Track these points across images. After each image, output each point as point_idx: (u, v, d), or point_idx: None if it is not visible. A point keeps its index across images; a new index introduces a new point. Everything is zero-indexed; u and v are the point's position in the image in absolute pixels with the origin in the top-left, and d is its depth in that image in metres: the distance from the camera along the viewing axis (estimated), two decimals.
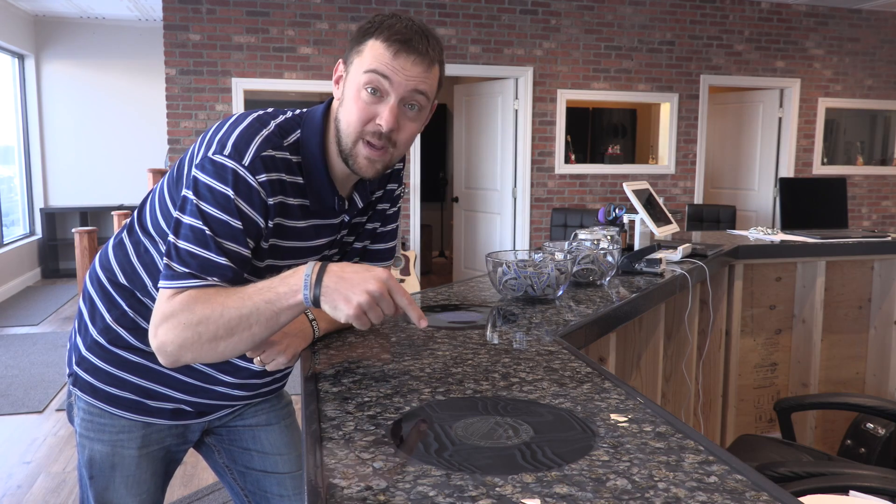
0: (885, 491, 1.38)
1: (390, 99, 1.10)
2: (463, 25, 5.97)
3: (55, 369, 4.36)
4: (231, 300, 1.03)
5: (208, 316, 1.02)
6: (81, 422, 1.32)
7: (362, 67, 1.10)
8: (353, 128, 1.12)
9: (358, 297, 0.99)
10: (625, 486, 0.73)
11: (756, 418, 3.04)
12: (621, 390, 1.03)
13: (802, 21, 6.66)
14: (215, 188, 1.07)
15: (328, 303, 1.00)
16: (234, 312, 1.02)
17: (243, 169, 1.07)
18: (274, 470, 1.45)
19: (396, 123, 1.11)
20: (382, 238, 1.38)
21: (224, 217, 1.06)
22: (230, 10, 5.59)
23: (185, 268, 1.05)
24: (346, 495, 0.71)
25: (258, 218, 1.10)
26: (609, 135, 7.90)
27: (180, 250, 1.06)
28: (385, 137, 1.12)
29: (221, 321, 1.02)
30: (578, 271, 1.85)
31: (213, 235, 1.06)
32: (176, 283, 1.05)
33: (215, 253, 1.06)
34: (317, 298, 1.00)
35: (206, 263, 1.05)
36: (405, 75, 1.09)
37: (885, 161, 7.27)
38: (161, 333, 1.05)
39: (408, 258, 5.03)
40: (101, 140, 7.54)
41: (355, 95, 1.11)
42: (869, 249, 2.99)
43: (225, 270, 1.06)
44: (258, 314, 1.02)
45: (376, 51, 1.09)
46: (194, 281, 1.05)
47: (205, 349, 1.04)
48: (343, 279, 1.01)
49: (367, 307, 0.99)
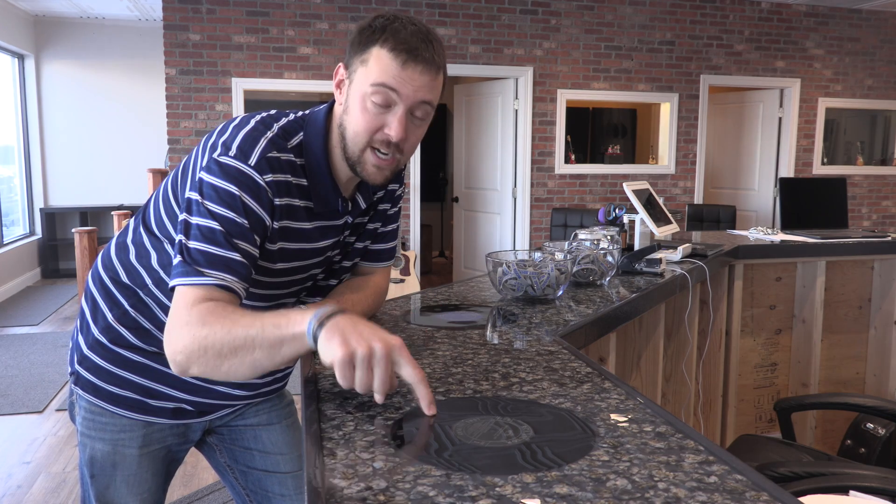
0: (885, 491, 1.38)
1: (398, 109, 1.10)
2: (463, 25, 5.97)
3: (55, 369, 4.36)
4: (243, 319, 0.99)
5: (217, 331, 0.98)
6: (83, 420, 1.32)
7: (369, 78, 1.08)
8: (361, 137, 1.11)
9: (355, 345, 0.89)
10: (625, 486, 0.73)
11: (756, 418, 3.04)
12: (621, 390, 1.03)
13: (802, 21, 6.66)
14: (220, 187, 1.06)
15: (326, 336, 0.91)
16: (241, 331, 0.97)
17: (250, 168, 1.07)
18: (275, 469, 1.45)
19: (405, 133, 1.11)
20: (383, 238, 1.38)
21: (230, 215, 1.06)
22: (230, 10, 5.59)
23: (197, 265, 1.03)
24: (346, 495, 0.71)
25: (264, 216, 1.09)
26: (609, 135, 7.90)
27: (191, 250, 1.04)
28: (393, 146, 1.12)
29: (228, 338, 0.98)
30: (578, 271, 1.85)
31: (224, 232, 1.05)
32: (189, 279, 1.03)
33: (226, 249, 1.05)
34: (320, 330, 0.92)
35: (218, 260, 1.04)
36: (413, 86, 1.08)
37: (885, 161, 7.27)
38: (173, 340, 1.02)
39: (408, 258, 5.03)
40: (101, 140, 7.54)
41: (362, 105, 1.10)
42: (869, 249, 2.99)
43: (237, 266, 1.05)
44: (263, 337, 0.96)
45: (383, 61, 1.08)
46: (207, 279, 1.03)
47: (210, 365, 1.00)
48: (354, 325, 0.93)
49: (359, 359, 0.89)
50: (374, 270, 1.39)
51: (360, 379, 0.90)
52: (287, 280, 1.24)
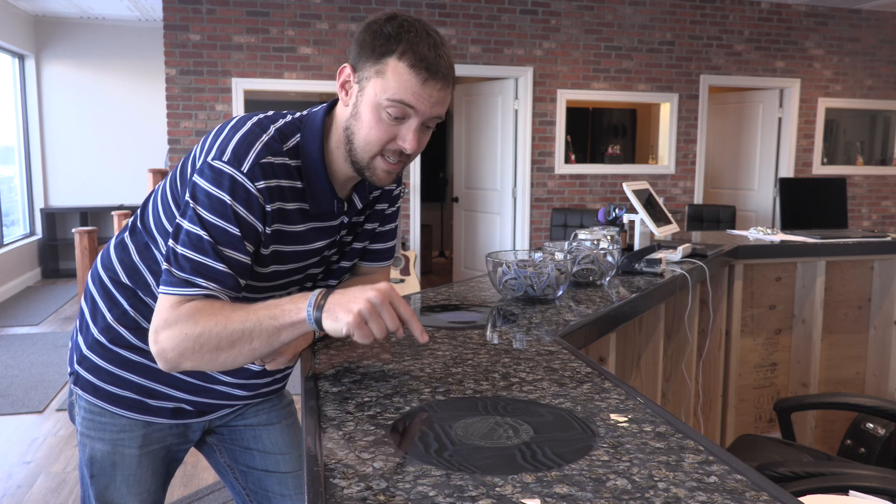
0: (885, 491, 1.38)
1: (413, 122, 1.11)
2: (463, 25, 5.97)
3: (55, 369, 4.36)
4: (236, 314, 1.04)
5: (211, 328, 1.03)
6: (82, 420, 1.32)
7: (386, 92, 1.08)
8: (373, 147, 1.12)
9: (357, 305, 0.99)
10: (625, 486, 0.73)
11: (756, 418, 3.04)
12: (621, 390, 1.03)
13: (802, 21, 6.66)
14: (213, 194, 1.07)
15: (329, 316, 1.00)
16: (237, 325, 1.03)
17: (242, 175, 1.08)
18: (275, 469, 1.45)
19: (418, 145, 1.13)
20: (382, 238, 1.38)
21: (221, 224, 1.07)
22: (230, 10, 5.59)
23: (184, 273, 1.06)
24: (346, 495, 0.71)
25: (256, 223, 1.10)
26: (609, 135, 7.90)
27: (178, 255, 1.07)
28: (405, 155, 1.14)
29: (224, 333, 1.03)
30: (578, 271, 1.85)
31: (212, 242, 1.07)
32: (176, 289, 1.06)
33: (213, 259, 1.07)
34: (319, 313, 1.01)
35: (204, 269, 1.06)
36: (430, 102, 1.10)
37: (885, 161, 7.27)
38: (162, 339, 1.05)
39: (408, 258, 5.03)
40: (101, 140, 7.54)
41: (376, 116, 1.10)
42: (869, 249, 2.99)
43: (223, 277, 1.07)
44: (260, 328, 1.03)
45: (402, 77, 1.07)
46: (193, 289, 1.05)
47: (205, 359, 1.06)
48: (344, 294, 1.02)
49: (367, 314, 0.99)
50: (373, 270, 1.39)
51: (375, 329, 1.00)
52: (284, 281, 1.24)
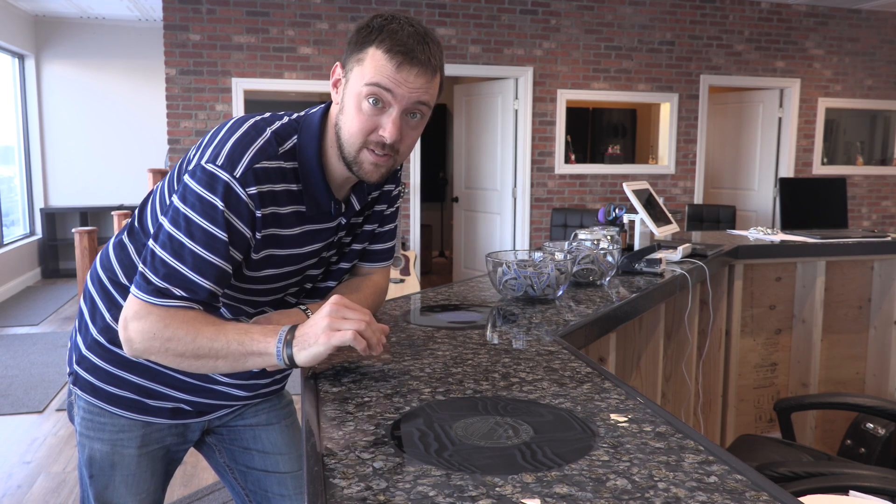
0: (885, 491, 1.38)
1: (393, 111, 1.10)
2: (463, 25, 5.97)
3: (55, 369, 4.36)
4: (207, 329, 1.05)
5: (181, 337, 1.05)
6: (82, 421, 1.32)
7: (364, 78, 1.09)
8: (356, 138, 1.12)
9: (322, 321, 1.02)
10: (625, 486, 0.73)
11: (756, 418, 3.04)
12: (621, 390, 1.03)
13: (802, 21, 6.66)
14: (204, 197, 1.07)
15: (300, 344, 1.03)
16: (205, 342, 1.05)
17: (234, 181, 1.07)
18: (275, 469, 1.45)
19: (399, 135, 1.11)
20: (381, 238, 1.38)
21: (209, 227, 1.06)
22: (230, 10, 5.59)
23: (157, 278, 1.05)
24: (346, 495, 0.71)
25: (246, 230, 1.10)
26: (609, 135, 7.90)
27: (156, 257, 1.07)
28: (388, 147, 1.12)
29: (192, 346, 1.05)
30: (578, 271, 1.85)
31: (192, 248, 1.06)
32: (145, 296, 1.06)
33: (189, 268, 1.06)
34: (290, 349, 1.03)
35: (177, 276, 1.06)
36: (408, 88, 1.08)
37: (885, 161, 7.27)
38: (132, 329, 1.07)
39: (408, 258, 5.03)
40: (101, 140, 7.54)
41: (357, 105, 1.10)
42: (869, 249, 2.99)
43: (197, 288, 1.06)
44: (227, 351, 1.05)
45: (378, 62, 1.07)
46: (165, 300, 1.05)
47: (168, 360, 1.09)
48: (307, 323, 1.05)
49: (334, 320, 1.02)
50: (373, 270, 1.39)
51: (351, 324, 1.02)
52: (281, 284, 1.24)
